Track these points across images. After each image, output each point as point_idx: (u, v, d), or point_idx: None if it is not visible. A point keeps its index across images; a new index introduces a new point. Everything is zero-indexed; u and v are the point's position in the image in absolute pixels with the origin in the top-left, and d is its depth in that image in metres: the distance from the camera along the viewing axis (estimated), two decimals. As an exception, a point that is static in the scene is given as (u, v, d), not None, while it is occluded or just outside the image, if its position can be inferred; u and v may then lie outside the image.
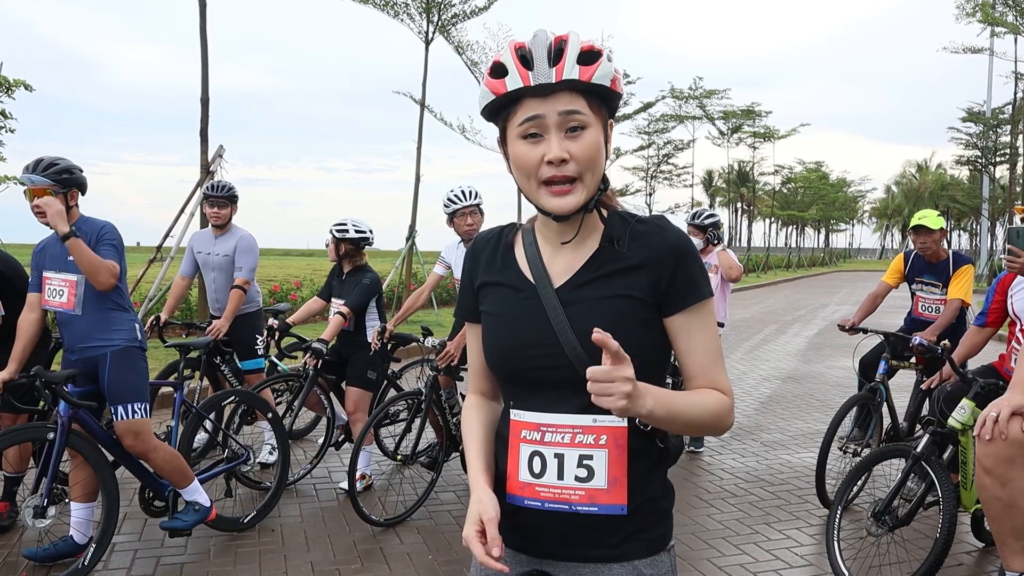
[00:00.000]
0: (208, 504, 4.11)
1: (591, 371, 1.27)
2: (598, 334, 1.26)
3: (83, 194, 3.86)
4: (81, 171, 3.84)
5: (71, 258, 3.68)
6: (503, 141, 1.48)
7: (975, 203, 42.34)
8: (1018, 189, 31.79)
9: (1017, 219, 4.78)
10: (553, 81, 1.37)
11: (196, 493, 4.07)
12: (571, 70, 1.37)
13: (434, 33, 14.94)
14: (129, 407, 3.72)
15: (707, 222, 6.36)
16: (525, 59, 1.39)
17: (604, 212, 1.51)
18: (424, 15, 14.71)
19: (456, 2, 14.79)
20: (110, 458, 3.85)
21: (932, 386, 4.43)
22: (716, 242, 6.37)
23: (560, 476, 1.45)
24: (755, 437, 6.88)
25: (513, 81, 1.39)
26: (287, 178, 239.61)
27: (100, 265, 3.61)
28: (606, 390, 1.27)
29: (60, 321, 3.82)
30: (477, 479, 1.51)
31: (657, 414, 1.34)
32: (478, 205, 5.10)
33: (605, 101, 1.44)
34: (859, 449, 5.08)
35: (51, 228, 3.64)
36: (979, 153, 33.54)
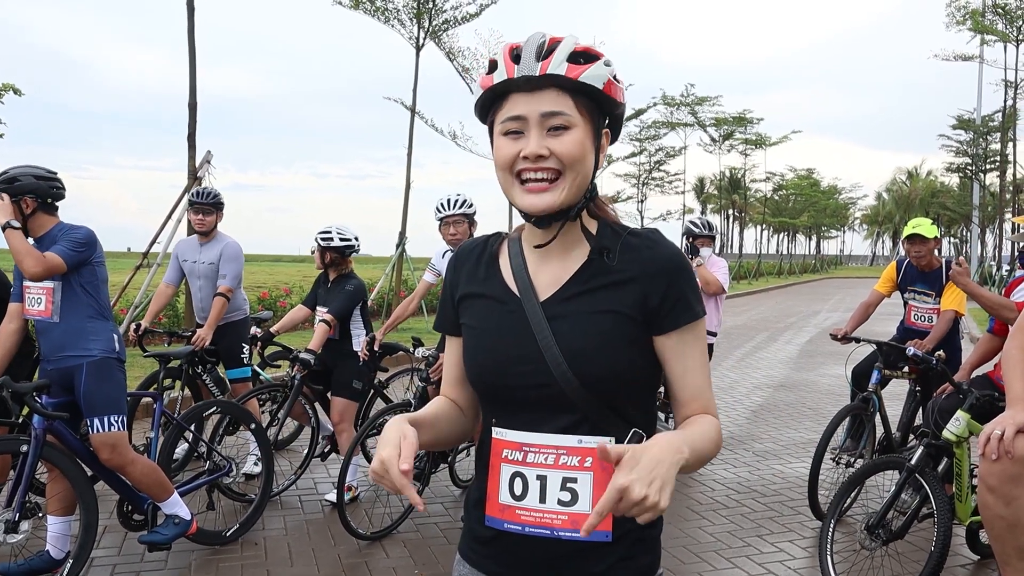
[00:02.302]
0: (188, 517, 4.02)
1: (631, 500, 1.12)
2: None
3: (50, 200, 3.70)
4: (40, 177, 3.66)
5: None
6: (491, 139, 1.43)
7: (965, 210, 42.48)
8: (1008, 196, 31.94)
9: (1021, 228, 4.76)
10: (537, 74, 1.32)
11: (176, 506, 3.98)
12: (558, 66, 1.33)
13: (425, 39, 14.92)
14: (105, 419, 3.63)
15: (715, 232, 6.43)
16: (516, 56, 1.36)
17: (595, 222, 1.45)
18: (415, 21, 14.68)
19: (447, 8, 14.79)
20: (88, 471, 3.76)
21: (945, 396, 4.35)
22: (692, 255, 6.19)
23: (542, 499, 1.38)
24: (747, 447, 6.81)
25: (500, 75, 1.36)
26: (279, 184, 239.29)
27: (28, 253, 3.52)
28: (648, 507, 1.13)
29: (38, 330, 3.73)
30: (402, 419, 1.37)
31: (690, 461, 1.26)
32: (464, 215, 5.02)
33: (599, 107, 1.38)
34: (852, 460, 5.03)
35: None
36: (969, 160, 33.66)
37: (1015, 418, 2.76)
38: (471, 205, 5.07)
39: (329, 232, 5.15)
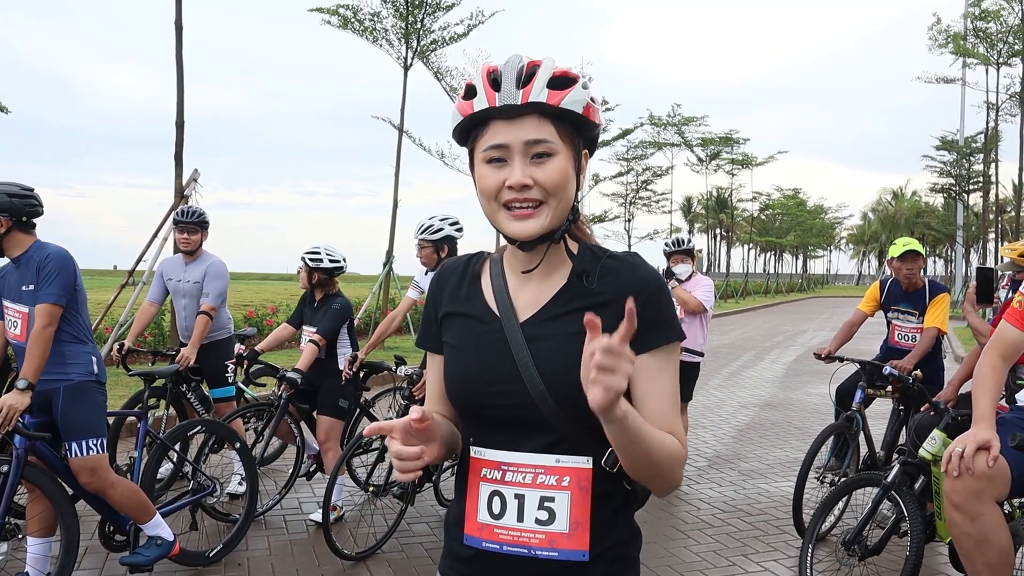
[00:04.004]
0: (171, 538, 3.99)
1: (609, 343, 1.14)
2: (589, 316, 1.16)
3: (26, 218, 3.63)
4: (14, 195, 3.59)
5: (24, 288, 3.59)
6: (471, 165, 1.44)
7: (950, 230, 42.89)
8: (991, 216, 32.25)
9: (1005, 258, 4.81)
10: (519, 103, 1.34)
11: (158, 527, 3.94)
12: (539, 93, 1.34)
13: (413, 59, 14.99)
14: (83, 443, 3.60)
15: (691, 246, 6.29)
16: (495, 81, 1.36)
17: (575, 244, 1.47)
18: (403, 41, 14.76)
19: (435, 28, 14.88)
20: (69, 491, 3.73)
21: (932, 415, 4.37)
22: (667, 276, 6.01)
23: (520, 518, 1.39)
24: (733, 466, 6.83)
25: (480, 102, 1.37)
26: (267, 202, 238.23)
27: (41, 356, 3.50)
28: (615, 365, 1.14)
29: (16, 352, 3.71)
30: None
31: (628, 423, 1.24)
32: (429, 240, 5.05)
33: (579, 130, 1.40)
34: (836, 479, 5.05)
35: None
36: (953, 181, 33.99)
37: (976, 436, 2.80)
38: (438, 230, 5.07)
39: (318, 253, 5.13)
